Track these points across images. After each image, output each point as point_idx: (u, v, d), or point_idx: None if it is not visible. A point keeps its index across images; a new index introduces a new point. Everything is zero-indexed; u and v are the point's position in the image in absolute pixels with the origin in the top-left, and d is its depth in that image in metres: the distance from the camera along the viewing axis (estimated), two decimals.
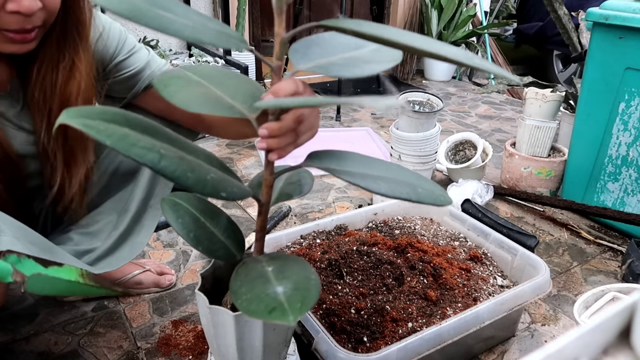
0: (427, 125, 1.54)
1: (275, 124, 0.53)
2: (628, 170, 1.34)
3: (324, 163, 0.56)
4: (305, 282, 0.51)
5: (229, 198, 0.51)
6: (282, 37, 0.51)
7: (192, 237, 0.60)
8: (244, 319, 0.61)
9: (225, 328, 0.62)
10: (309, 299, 0.48)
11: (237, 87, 0.55)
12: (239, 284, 0.53)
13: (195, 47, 2.49)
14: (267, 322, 0.61)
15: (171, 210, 0.60)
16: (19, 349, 0.92)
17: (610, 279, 1.20)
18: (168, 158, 0.46)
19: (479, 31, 3.11)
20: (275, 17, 0.49)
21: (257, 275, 0.54)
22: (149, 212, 0.87)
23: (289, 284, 0.51)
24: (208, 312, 0.63)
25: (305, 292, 0.49)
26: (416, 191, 0.54)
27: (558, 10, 1.69)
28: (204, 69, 0.57)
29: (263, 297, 0.49)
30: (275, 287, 0.50)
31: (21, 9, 0.60)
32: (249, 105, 0.53)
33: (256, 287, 0.51)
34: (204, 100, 0.51)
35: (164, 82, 0.52)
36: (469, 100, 2.82)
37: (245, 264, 0.58)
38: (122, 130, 0.45)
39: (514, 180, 1.60)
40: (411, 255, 1.00)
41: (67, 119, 0.43)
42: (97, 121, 0.45)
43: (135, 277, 1.06)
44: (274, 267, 0.55)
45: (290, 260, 0.57)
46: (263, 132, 0.53)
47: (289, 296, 0.48)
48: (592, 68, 1.36)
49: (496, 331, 0.94)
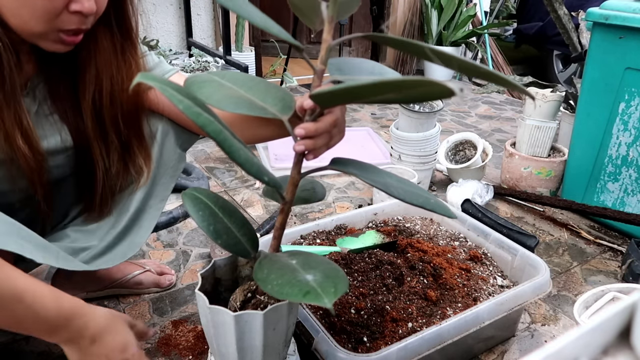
0: (427, 125, 1.54)
1: (313, 125, 0.55)
2: (628, 170, 1.34)
3: (349, 169, 0.60)
4: (334, 272, 0.54)
5: (270, 183, 0.55)
6: (329, 43, 0.54)
7: (212, 230, 0.61)
8: (244, 319, 0.61)
9: (225, 328, 0.63)
10: (341, 285, 0.51)
11: (266, 91, 0.58)
12: (266, 272, 0.55)
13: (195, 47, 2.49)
14: (267, 322, 0.62)
15: (192, 202, 0.63)
16: (19, 349, 0.92)
17: (610, 279, 1.20)
18: (225, 133, 0.51)
19: (479, 31, 3.11)
20: (326, 24, 0.52)
21: (283, 266, 0.56)
22: (148, 212, 0.87)
23: (317, 273, 0.53)
24: (208, 312, 0.63)
25: (336, 280, 0.52)
26: (429, 202, 0.60)
27: (558, 10, 1.69)
28: (232, 75, 0.60)
29: (295, 282, 0.51)
30: (305, 275, 0.53)
31: (83, 9, 0.65)
32: (280, 107, 0.56)
33: (285, 274, 0.53)
34: (237, 101, 0.55)
35: (198, 85, 0.56)
36: (469, 100, 2.82)
37: (268, 257, 0.59)
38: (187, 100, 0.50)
39: (514, 180, 1.60)
40: (411, 255, 1.00)
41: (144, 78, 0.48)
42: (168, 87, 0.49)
43: (135, 277, 1.06)
44: (297, 261, 0.57)
45: (312, 256, 0.59)
46: (300, 131, 0.55)
47: (320, 282, 0.51)
48: (592, 68, 1.36)
49: (496, 331, 0.94)
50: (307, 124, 0.55)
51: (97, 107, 0.77)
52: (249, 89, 0.58)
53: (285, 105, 0.57)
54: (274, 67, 2.95)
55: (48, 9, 0.63)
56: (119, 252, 0.83)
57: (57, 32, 0.66)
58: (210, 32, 2.75)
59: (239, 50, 2.56)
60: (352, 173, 0.59)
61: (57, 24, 0.65)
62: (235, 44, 2.55)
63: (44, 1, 0.62)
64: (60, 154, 0.78)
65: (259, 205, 1.51)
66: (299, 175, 0.61)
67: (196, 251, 1.25)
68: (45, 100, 0.76)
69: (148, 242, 1.28)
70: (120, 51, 0.76)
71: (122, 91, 0.77)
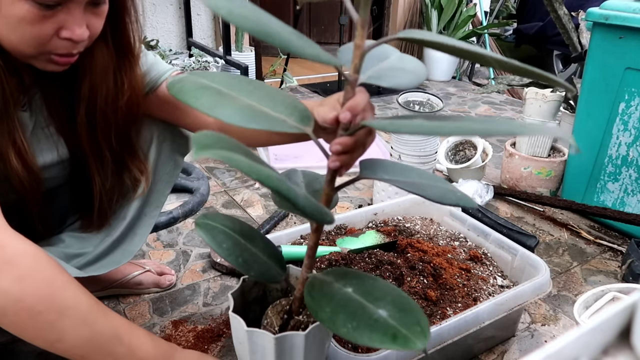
0: None
1: (350, 140, 0.51)
2: (628, 170, 1.34)
3: (378, 174, 0.55)
4: (405, 302, 0.50)
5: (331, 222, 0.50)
6: (362, 49, 0.48)
7: (241, 263, 0.56)
8: (286, 341, 0.59)
9: (264, 351, 0.60)
10: (424, 321, 0.47)
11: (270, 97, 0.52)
12: (329, 311, 0.50)
13: (195, 47, 2.49)
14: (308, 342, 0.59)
15: (210, 234, 0.57)
16: (19, 349, 0.91)
17: (610, 279, 1.20)
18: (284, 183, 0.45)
19: (479, 31, 3.12)
20: (358, 28, 0.47)
21: (343, 299, 0.51)
22: (143, 220, 0.87)
23: (388, 306, 0.49)
24: (245, 335, 0.60)
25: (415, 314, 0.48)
26: (457, 196, 0.55)
27: (558, 10, 1.69)
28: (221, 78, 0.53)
29: (372, 323, 0.47)
30: (377, 311, 0.48)
31: (73, 36, 0.63)
32: (297, 117, 0.50)
33: (356, 314, 0.49)
34: (251, 115, 0.48)
35: (192, 94, 0.49)
36: (469, 100, 2.82)
37: (315, 285, 0.54)
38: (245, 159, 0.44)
39: (514, 180, 1.60)
40: (411, 255, 1.00)
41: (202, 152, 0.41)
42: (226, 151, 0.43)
43: (135, 277, 1.06)
44: (353, 288, 0.52)
45: (363, 277, 0.55)
46: (337, 148, 0.50)
47: (399, 319, 0.47)
48: (592, 68, 1.36)
49: (496, 331, 0.94)
50: (344, 140, 0.50)
51: (90, 122, 0.76)
52: (250, 94, 0.51)
53: (303, 115, 0.51)
54: (274, 67, 2.95)
55: (37, 35, 0.62)
56: (112, 260, 0.83)
57: (48, 55, 0.65)
58: (210, 32, 2.75)
59: (239, 50, 2.56)
60: (383, 179, 0.54)
61: (47, 48, 0.64)
62: (235, 44, 2.55)
63: (33, 28, 0.61)
64: (56, 166, 0.78)
65: (259, 205, 1.51)
66: (333, 192, 0.56)
67: (196, 251, 1.25)
68: (41, 111, 0.75)
69: (148, 242, 1.28)
70: (116, 69, 0.75)
71: (116, 109, 0.76)
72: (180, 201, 1.38)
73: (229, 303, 0.66)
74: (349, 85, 0.51)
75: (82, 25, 0.64)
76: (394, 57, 0.57)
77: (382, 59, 0.56)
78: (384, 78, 0.53)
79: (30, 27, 0.61)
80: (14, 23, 0.60)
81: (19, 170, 0.69)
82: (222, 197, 1.55)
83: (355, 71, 0.50)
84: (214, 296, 1.09)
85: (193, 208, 1.36)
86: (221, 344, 0.95)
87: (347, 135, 0.51)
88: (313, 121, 0.51)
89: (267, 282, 0.61)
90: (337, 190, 0.56)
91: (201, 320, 1.01)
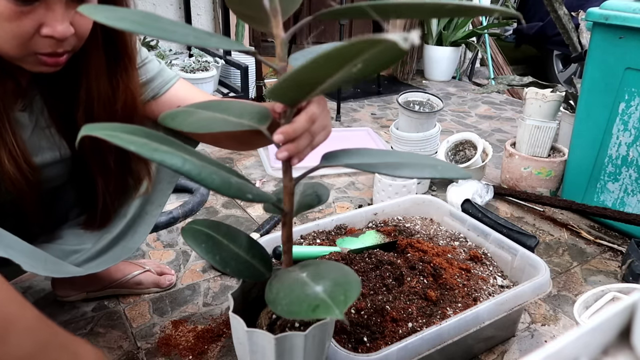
0: (427, 125, 1.54)
1: (289, 127, 0.53)
2: (628, 170, 1.34)
3: (341, 160, 0.57)
4: (344, 277, 0.51)
5: (255, 200, 0.52)
6: (281, 37, 0.50)
7: (218, 260, 0.59)
8: (286, 341, 0.59)
9: (265, 351, 0.60)
10: (351, 291, 0.48)
11: (242, 109, 0.57)
12: (275, 292, 0.52)
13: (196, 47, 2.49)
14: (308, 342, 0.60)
15: (192, 237, 0.60)
16: None
17: (610, 279, 1.20)
18: (191, 162, 0.47)
19: (479, 31, 3.11)
20: (271, 18, 0.49)
21: (292, 282, 0.53)
22: (145, 219, 0.87)
23: (327, 282, 0.51)
24: (245, 336, 0.60)
25: (346, 286, 0.49)
26: (437, 169, 0.56)
27: (558, 10, 1.69)
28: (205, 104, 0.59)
29: (303, 297, 0.49)
30: (314, 288, 0.50)
31: (55, 34, 0.61)
32: (257, 119, 0.54)
33: (294, 291, 0.51)
34: (210, 122, 0.53)
35: (171, 116, 0.56)
36: (469, 100, 2.82)
37: (277, 276, 0.57)
38: (141, 139, 0.47)
39: (514, 180, 1.60)
40: (411, 255, 1.00)
41: (90, 130, 0.45)
42: (118, 132, 0.46)
43: (135, 277, 1.06)
44: (308, 272, 0.54)
45: (324, 264, 0.57)
46: (279, 137, 0.52)
47: (330, 292, 0.48)
48: (592, 68, 1.36)
49: (496, 331, 0.94)
50: (284, 127, 0.52)
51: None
52: (223, 110, 0.57)
53: (262, 116, 0.55)
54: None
55: (17, 33, 0.60)
56: (111, 256, 0.83)
57: (34, 55, 0.63)
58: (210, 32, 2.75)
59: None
60: (346, 164, 0.56)
61: (31, 47, 0.62)
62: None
63: (12, 25, 0.59)
64: (58, 164, 0.78)
65: (259, 205, 1.51)
66: (291, 183, 0.58)
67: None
68: (42, 112, 0.74)
69: (148, 242, 1.28)
70: (112, 71, 0.73)
71: (113, 113, 0.75)
72: (180, 201, 1.38)
73: (229, 303, 0.66)
74: (277, 74, 0.52)
75: (64, 21, 0.61)
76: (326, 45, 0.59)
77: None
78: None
79: (9, 25, 0.59)
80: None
81: (10, 172, 0.68)
82: (222, 197, 1.55)
83: (281, 59, 0.52)
84: (214, 296, 1.09)
85: (193, 208, 1.36)
86: (221, 344, 0.95)
87: (287, 123, 0.53)
88: (270, 120, 0.54)
89: (248, 279, 0.62)
90: (297, 180, 0.58)
91: (201, 320, 1.01)
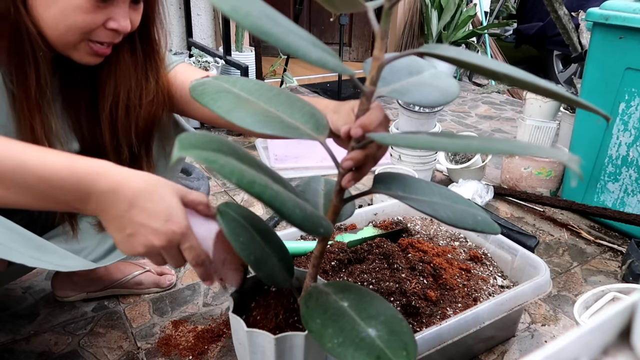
0: (427, 125, 1.54)
1: (361, 154, 0.50)
2: (628, 170, 1.34)
3: (392, 189, 0.55)
4: (397, 323, 0.49)
5: (326, 234, 0.49)
6: (381, 61, 0.47)
7: (253, 260, 0.54)
8: (286, 341, 0.58)
9: (265, 351, 0.60)
10: (411, 345, 0.46)
11: (290, 104, 0.52)
12: (319, 323, 0.49)
13: (195, 47, 2.49)
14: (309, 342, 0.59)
15: (230, 227, 0.54)
16: (19, 349, 0.92)
17: (610, 279, 1.20)
18: (280, 197, 0.44)
19: (479, 31, 3.11)
20: (378, 40, 0.45)
21: (337, 313, 0.50)
22: None
23: (379, 325, 0.48)
24: (245, 336, 0.60)
25: (404, 337, 0.47)
26: (476, 220, 0.54)
27: (558, 10, 1.69)
28: (244, 83, 0.53)
29: (359, 342, 0.46)
30: (367, 330, 0.47)
31: (120, 27, 0.70)
32: (312, 125, 0.50)
33: (344, 328, 0.48)
34: (265, 120, 0.48)
35: (211, 97, 0.49)
36: (469, 100, 2.82)
37: (313, 297, 0.54)
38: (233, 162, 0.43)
39: (514, 180, 1.60)
40: (411, 255, 1.00)
41: (184, 151, 0.42)
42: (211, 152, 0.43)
43: (135, 277, 1.06)
44: (349, 303, 0.51)
45: (362, 293, 0.54)
46: (348, 164, 0.50)
47: (387, 341, 0.46)
48: (592, 68, 1.36)
49: (496, 331, 0.94)
50: (355, 154, 0.49)
51: (113, 119, 0.78)
52: (269, 100, 0.51)
53: (318, 123, 0.50)
54: (274, 67, 2.95)
55: (88, 24, 0.67)
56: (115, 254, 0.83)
57: (88, 44, 0.70)
58: (210, 32, 2.75)
59: (239, 51, 2.56)
60: (394, 195, 0.53)
61: (91, 36, 0.69)
62: (235, 44, 2.55)
63: (86, 17, 0.66)
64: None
65: (259, 205, 1.51)
66: (341, 204, 0.55)
67: None
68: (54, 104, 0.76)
69: None
70: (141, 67, 0.78)
71: (140, 106, 0.78)
72: None
73: (229, 303, 0.66)
74: (364, 97, 0.49)
75: (127, 18, 0.70)
76: (428, 73, 0.55)
77: (413, 74, 0.54)
78: (408, 93, 0.51)
79: (84, 16, 0.66)
80: (69, 11, 0.65)
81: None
82: (222, 198, 1.55)
83: (372, 83, 0.48)
84: (214, 296, 1.09)
85: None
86: (221, 344, 0.95)
87: (359, 148, 0.50)
88: (328, 130, 0.50)
89: (273, 285, 0.60)
90: (346, 202, 0.56)
91: (201, 320, 1.01)
